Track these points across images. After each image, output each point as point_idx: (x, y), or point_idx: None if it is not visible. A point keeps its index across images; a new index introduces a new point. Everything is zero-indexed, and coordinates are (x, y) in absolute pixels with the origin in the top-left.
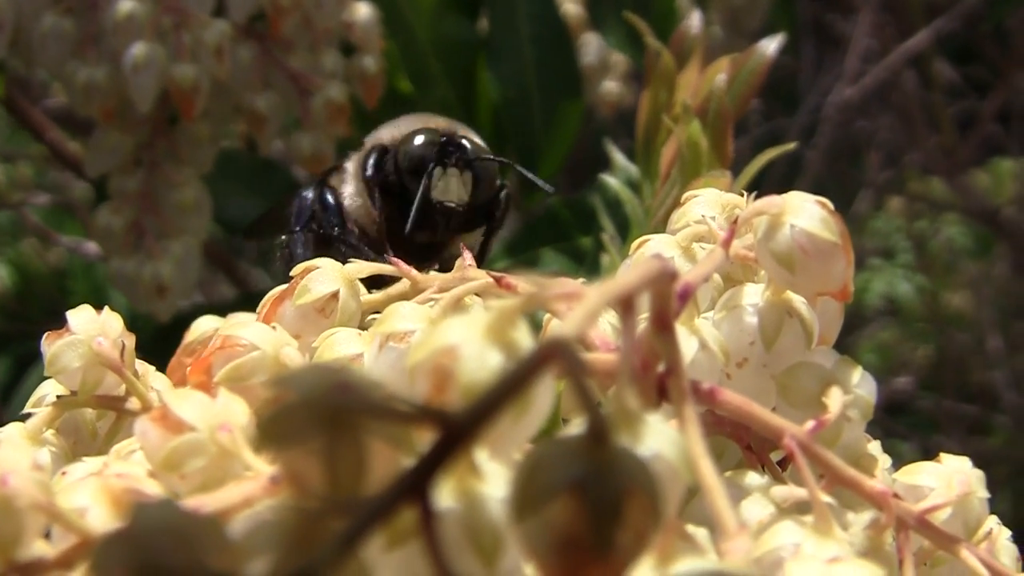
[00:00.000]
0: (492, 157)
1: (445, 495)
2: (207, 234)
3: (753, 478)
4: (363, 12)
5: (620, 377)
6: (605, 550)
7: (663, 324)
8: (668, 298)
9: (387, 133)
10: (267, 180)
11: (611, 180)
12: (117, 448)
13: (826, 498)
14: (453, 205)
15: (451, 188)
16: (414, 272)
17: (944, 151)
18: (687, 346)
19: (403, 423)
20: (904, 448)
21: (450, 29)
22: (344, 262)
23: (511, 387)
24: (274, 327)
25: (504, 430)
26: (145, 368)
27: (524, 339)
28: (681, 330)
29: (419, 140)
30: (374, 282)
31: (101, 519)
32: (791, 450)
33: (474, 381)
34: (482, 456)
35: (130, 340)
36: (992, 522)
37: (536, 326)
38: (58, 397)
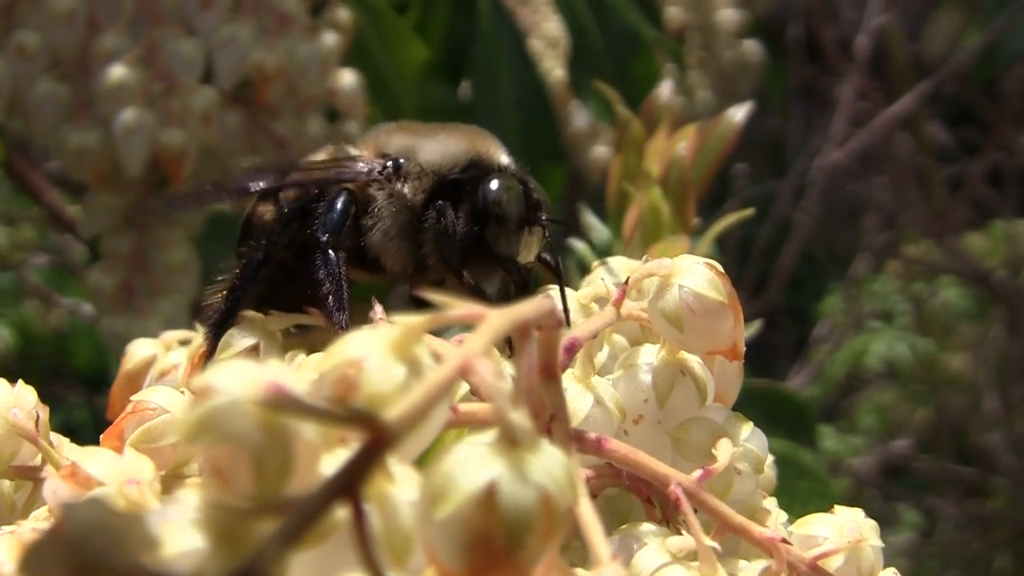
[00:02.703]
0: (559, 220)
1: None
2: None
3: (649, 528)
4: (347, 79)
5: (517, 395)
6: (515, 551)
7: (549, 373)
8: (554, 348)
9: (430, 154)
10: None
11: (577, 243)
12: (35, 515)
13: (710, 543)
14: (531, 266)
15: (532, 249)
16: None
17: (935, 213)
18: (582, 402)
19: (332, 425)
20: (904, 511)
21: (433, 95)
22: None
23: (433, 396)
24: (183, 391)
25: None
26: (60, 440)
27: (426, 356)
28: (577, 387)
29: (496, 187)
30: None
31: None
32: (676, 497)
33: (377, 392)
34: (393, 460)
35: (44, 412)
36: (889, 572)
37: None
38: None
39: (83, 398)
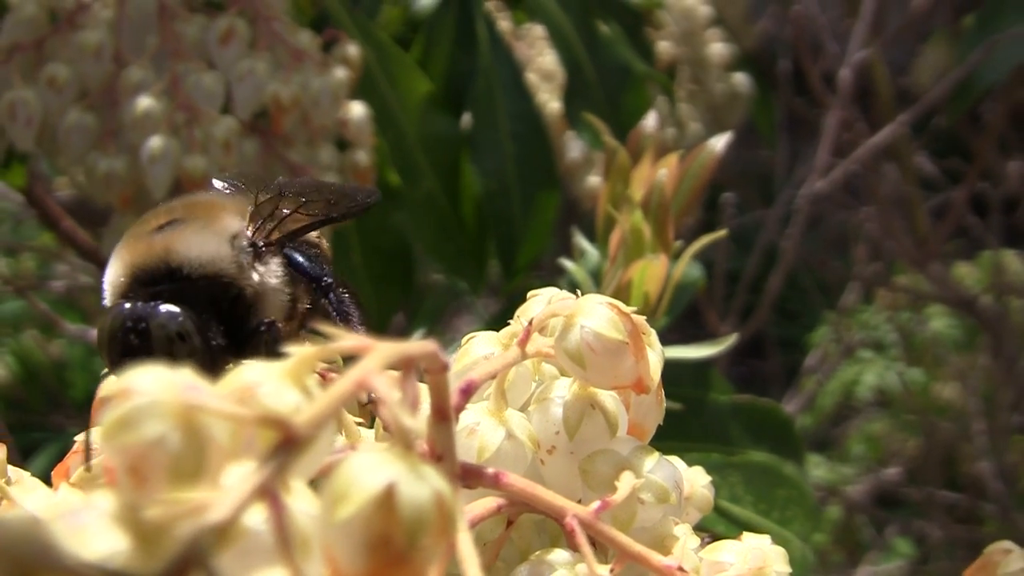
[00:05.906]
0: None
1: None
2: None
3: (560, 555)
4: (356, 111)
5: (406, 409)
6: (412, 551)
7: (441, 416)
8: (444, 390)
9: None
10: None
11: (568, 264)
12: None
13: (604, 571)
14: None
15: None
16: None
17: (919, 242)
18: (494, 436)
19: (248, 425)
20: (895, 539)
21: (436, 126)
22: None
23: (336, 404)
24: None
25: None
26: (20, 474)
27: (316, 386)
28: (490, 421)
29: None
30: None
31: None
32: (571, 528)
33: None
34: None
35: (1, 451)
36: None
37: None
38: None
39: (81, 427)
